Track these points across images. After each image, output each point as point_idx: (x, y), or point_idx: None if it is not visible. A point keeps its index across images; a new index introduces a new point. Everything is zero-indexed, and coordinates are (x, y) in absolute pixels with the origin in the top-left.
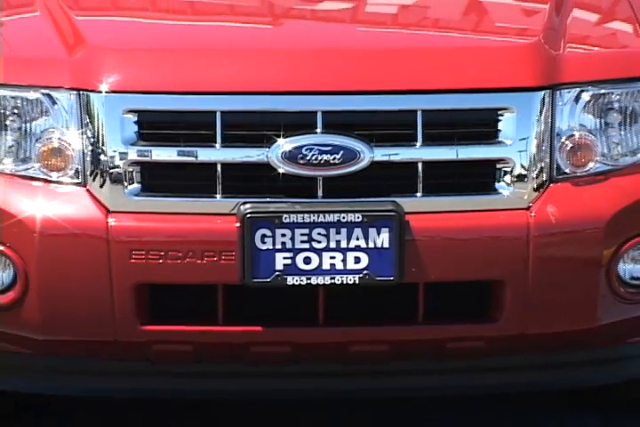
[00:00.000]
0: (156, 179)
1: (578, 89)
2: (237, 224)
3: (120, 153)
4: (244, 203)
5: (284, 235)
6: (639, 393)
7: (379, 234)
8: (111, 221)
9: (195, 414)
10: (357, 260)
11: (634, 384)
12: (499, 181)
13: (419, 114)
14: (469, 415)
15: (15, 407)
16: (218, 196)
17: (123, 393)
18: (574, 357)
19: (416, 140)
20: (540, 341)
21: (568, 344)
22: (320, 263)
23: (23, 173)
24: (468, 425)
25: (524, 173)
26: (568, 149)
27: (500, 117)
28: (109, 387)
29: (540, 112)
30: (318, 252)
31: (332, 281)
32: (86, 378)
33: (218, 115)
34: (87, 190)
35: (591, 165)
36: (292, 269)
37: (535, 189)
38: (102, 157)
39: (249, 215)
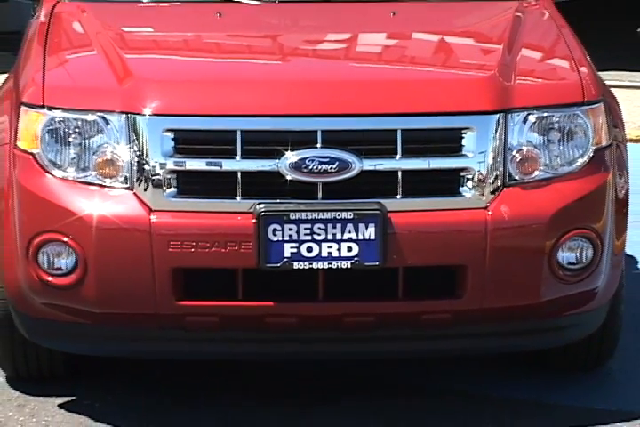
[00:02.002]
0: (188, 184)
1: (525, 112)
2: (254, 220)
3: (160, 163)
4: (259, 203)
5: (290, 229)
6: (574, 355)
7: (367, 228)
8: (153, 218)
9: (218, 372)
10: (349, 249)
11: (570, 348)
12: (462, 186)
13: (398, 132)
14: (438, 373)
15: (65, 367)
16: (238, 198)
17: (161, 355)
18: (524, 326)
19: (396, 153)
20: (496, 313)
21: (519, 316)
22: (320, 252)
23: (83, 180)
24: (434, 382)
25: (482, 179)
26: (518, 160)
27: (463, 135)
28: (150, 350)
29: (496, 131)
30: (318, 242)
31: (330, 266)
32: (132, 343)
33: (238, 133)
34: (134, 193)
35: (536, 173)
36: (297, 256)
37: (492, 193)
38: (146, 167)
39: (263, 213)
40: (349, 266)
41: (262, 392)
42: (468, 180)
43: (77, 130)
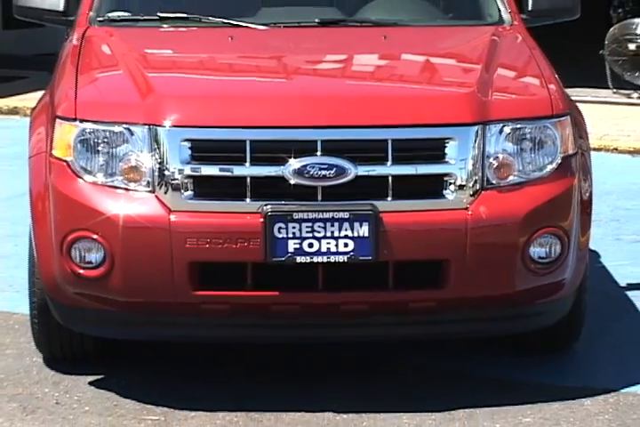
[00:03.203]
0: (203, 187)
1: (501, 124)
2: (261, 220)
3: (178, 169)
4: (266, 204)
5: (294, 227)
6: (544, 338)
7: (361, 227)
8: (172, 217)
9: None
10: (346, 245)
11: (541, 332)
12: (445, 189)
13: (389, 142)
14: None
15: (95, 349)
16: (247, 199)
17: (178, 339)
18: (500, 312)
19: (387, 160)
20: (476, 301)
21: (496, 304)
22: (319, 247)
23: (110, 184)
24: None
25: (463, 183)
26: (494, 166)
27: (446, 144)
28: (169, 334)
29: (475, 140)
30: (318, 239)
31: (328, 260)
32: (154, 328)
33: (247, 142)
34: (155, 196)
35: (511, 178)
36: (299, 251)
37: (471, 195)
38: (166, 172)
39: (269, 213)
40: (346, 260)
41: (266, 372)
42: (450, 184)
43: (106, 140)
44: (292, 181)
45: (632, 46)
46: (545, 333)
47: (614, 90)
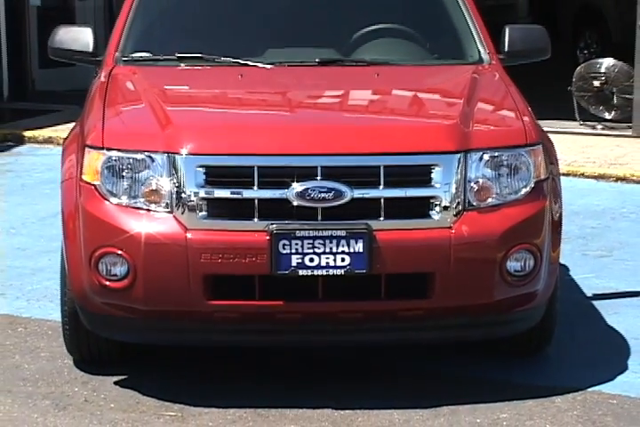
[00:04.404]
0: (216, 208)
1: (481, 152)
2: (267, 237)
3: (194, 192)
4: (272, 224)
5: (297, 244)
6: (520, 342)
7: (356, 243)
8: (188, 235)
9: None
10: (343, 260)
11: (517, 337)
12: (431, 210)
13: (381, 168)
14: (410, 359)
15: (119, 352)
16: (255, 219)
17: (194, 343)
18: (480, 320)
19: (380, 184)
20: (458, 310)
21: (476, 312)
22: (319, 262)
23: (133, 205)
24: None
25: (447, 205)
26: (475, 190)
27: (432, 170)
28: (186, 339)
29: (458, 167)
30: (318, 254)
31: (327, 273)
32: (171, 333)
33: (255, 168)
34: (173, 216)
35: (489, 200)
36: (301, 265)
37: (454, 215)
38: (183, 195)
39: (275, 231)
40: (343, 273)
41: (272, 373)
42: (436, 205)
43: (129, 166)
44: (295, 203)
45: (596, 83)
46: (520, 337)
47: (581, 122)
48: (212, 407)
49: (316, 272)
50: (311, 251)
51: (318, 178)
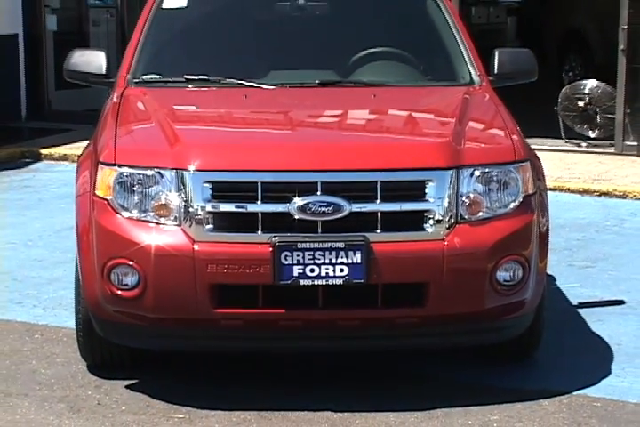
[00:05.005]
0: (222, 221)
1: (472, 169)
2: (270, 249)
3: (201, 206)
4: (275, 236)
5: (298, 255)
6: (510, 348)
7: (354, 255)
8: (196, 247)
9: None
10: (342, 270)
11: (506, 343)
12: (425, 223)
13: (378, 183)
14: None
15: (130, 358)
16: (259, 232)
17: (200, 349)
18: (472, 327)
19: (377, 199)
20: (451, 317)
21: (468, 320)
22: (319, 272)
23: (143, 219)
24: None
25: (440, 218)
26: (466, 204)
27: (426, 185)
28: (193, 345)
29: (450, 182)
30: (318, 265)
31: (327, 283)
32: (180, 340)
33: (259, 184)
34: (181, 229)
35: (480, 213)
36: (303, 275)
37: (447, 228)
38: (190, 209)
39: (277, 243)
40: (342, 283)
41: (275, 377)
42: (429, 218)
43: (140, 182)
44: (297, 217)
45: (581, 103)
46: (510, 343)
47: (566, 140)
48: (218, 410)
49: (316, 282)
50: (312, 262)
51: (318, 193)
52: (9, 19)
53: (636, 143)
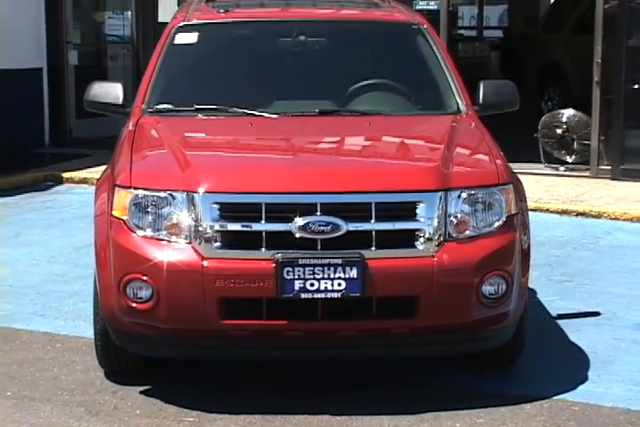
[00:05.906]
0: (229, 240)
1: (459, 191)
2: (274, 265)
3: (209, 226)
4: (278, 253)
5: (299, 270)
6: (494, 356)
7: (351, 270)
8: (205, 263)
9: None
10: (339, 284)
11: (491, 351)
12: (416, 241)
13: (373, 204)
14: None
15: (144, 365)
16: (263, 249)
17: (210, 357)
18: (460, 337)
19: (372, 219)
20: (440, 328)
21: (456, 330)
22: (319, 286)
23: (157, 237)
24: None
25: (430, 236)
26: (454, 223)
27: (417, 206)
28: (202, 354)
29: (439, 203)
30: (318, 280)
31: (326, 296)
32: (189, 349)
33: (263, 205)
34: (192, 246)
35: (467, 232)
36: (303, 289)
37: (437, 246)
38: (200, 228)
39: (280, 260)
40: (339, 296)
41: (278, 384)
42: (420, 237)
43: (153, 203)
44: (298, 235)
45: (559, 131)
46: (494, 352)
47: (546, 164)
48: (226, 414)
49: (316, 295)
50: (312, 277)
51: (318, 213)
52: (34, 54)
53: (609, 167)
